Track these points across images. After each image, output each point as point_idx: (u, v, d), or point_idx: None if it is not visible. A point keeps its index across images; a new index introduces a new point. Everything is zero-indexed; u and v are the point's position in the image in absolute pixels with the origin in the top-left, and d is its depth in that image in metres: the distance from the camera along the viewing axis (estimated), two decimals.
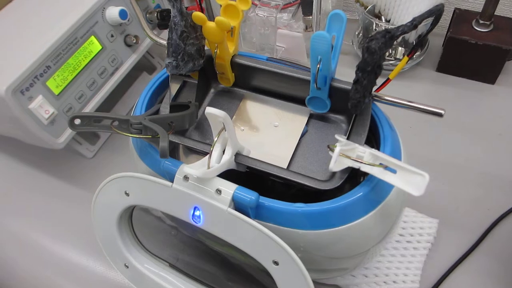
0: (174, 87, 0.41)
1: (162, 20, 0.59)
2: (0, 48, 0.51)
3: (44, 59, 0.48)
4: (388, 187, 0.35)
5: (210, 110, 0.32)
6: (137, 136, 0.36)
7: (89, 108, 0.54)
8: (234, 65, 0.42)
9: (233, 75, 0.42)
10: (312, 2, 0.56)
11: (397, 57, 0.61)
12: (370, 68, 0.32)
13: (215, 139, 0.33)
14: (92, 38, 0.53)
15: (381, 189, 0.35)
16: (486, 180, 0.54)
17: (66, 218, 0.54)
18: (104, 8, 0.54)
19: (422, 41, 0.36)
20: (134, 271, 0.41)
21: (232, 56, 0.41)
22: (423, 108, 0.38)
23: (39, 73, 0.48)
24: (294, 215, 0.33)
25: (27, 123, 0.48)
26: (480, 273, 0.47)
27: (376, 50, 0.31)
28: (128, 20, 0.56)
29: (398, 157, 0.37)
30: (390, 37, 0.32)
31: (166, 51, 0.39)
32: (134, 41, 0.57)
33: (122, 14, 0.54)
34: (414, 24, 0.32)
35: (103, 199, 0.38)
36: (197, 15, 0.37)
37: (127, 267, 0.41)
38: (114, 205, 0.38)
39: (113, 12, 0.54)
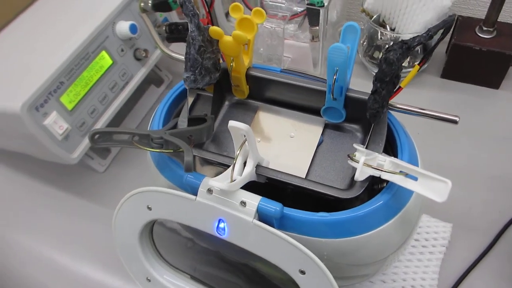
0: (190, 101, 0.42)
1: (171, 33, 0.60)
2: (13, 65, 0.52)
3: (58, 75, 0.49)
4: (408, 194, 0.36)
5: (233, 124, 0.32)
6: (158, 150, 0.36)
7: (101, 122, 0.54)
8: (249, 78, 0.42)
9: (247, 87, 0.43)
10: (318, 13, 0.57)
11: (403, 65, 0.62)
12: (388, 78, 0.33)
13: (237, 151, 0.34)
14: (103, 53, 0.54)
15: (401, 197, 0.35)
16: (496, 183, 0.54)
17: (80, 233, 0.54)
18: (114, 22, 0.55)
19: (432, 50, 0.36)
20: (157, 285, 0.41)
21: (247, 69, 0.42)
22: (437, 116, 0.39)
23: (53, 89, 0.49)
24: (318, 224, 0.34)
25: (42, 140, 0.48)
26: (495, 276, 0.47)
27: (394, 61, 0.32)
28: (138, 34, 0.57)
29: (416, 164, 0.37)
30: (407, 48, 0.33)
31: (174, 64, 0.39)
32: (144, 55, 0.58)
33: (132, 28, 0.55)
34: (429, 34, 0.33)
35: (125, 213, 0.39)
36: (214, 29, 0.37)
37: (149, 280, 0.41)
38: (136, 219, 0.38)
39: (123, 27, 0.55)
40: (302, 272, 0.33)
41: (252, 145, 0.34)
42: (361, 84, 0.40)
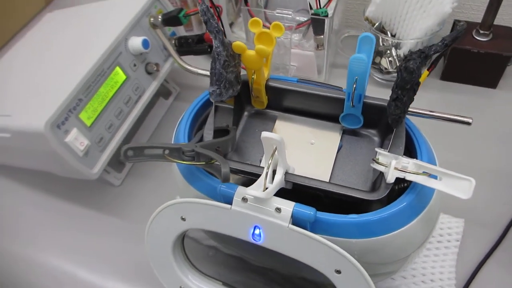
0: (212, 113, 0.43)
1: (180, 47, 0.61)
2: (32, 83, 0.53)
3: (77, 93, 0.50)
4: (429, 194, 0.38)
5: (266, 135, 0.34)
6: (191, 163, 0.38)
7: (118, 137, 0.55)
8: (268, 89, 0.44)
9: (266, 97, 0.45)
10: (323, 22, 0.59)
11: None
12: (409, 86, 0.35)
13: (270, 161, 0.35)
14: (117, 68, 0.55)
15: (424, 196, 0.37)
16: (499, 178, 0.57)
17: (101, 248, 0.55)
18: (126, 38, 0.56)
19: (440, 57, 0.38)
20: None
21: (266, 80, 0.44)
22: (451, 118, 0.41)
23: (72, 107, 0.50)
24: (348, 226, 0.36)
25: (65, 156, 0.49)
26: (508, 267, 0.49)
27: (414, 69, 0.34)
28: (149, 49, 0.58)
29: (434, 164, 0.39)
30: (424, 56, 0.35)
31: (181, 76, 0.40)
32: (155, 69, 0.59)
33: (145, 43, 0.56)
34: (445, 43, 0.35)
35: (158, 225, 0.40)
36: (238, 44, 0.39)
37: None
38: (169, 230, 0.39)
39: (135, 42, 0.56)
40: (338, 272, 0.34)
41: (282, 154, 0.36)
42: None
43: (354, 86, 0.39)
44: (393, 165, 0.33)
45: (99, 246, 0.55)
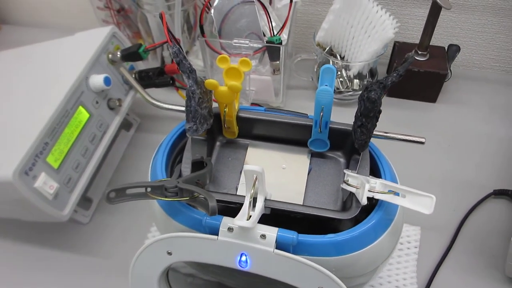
0: (189, 147, 0.45)
1: (141, 80, 0.62)
2: None
3: (43, 137, 0.49)
4: (395, 209, 0.42)
5: (248, 167, 0.36)
6: (175, 199, 0.39)
7: (86, 175, 0.55)
8: (239, 119, 0.46)
9: (237, 127, 0.47)
10: (279, 49, 0.63)
11: (354, 88, 0.69)
12: (372, 114, 0.39)
13: (252, 190, 0.38)
14: (80, 107, 0.55)
15: (390, 212, 0.41)
16: (446, 186, 0.63)
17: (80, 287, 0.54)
18: (87, 77, 0.56)
19: (397, 80, 0.42)
20: None
21: (237, 112, 0.46)
22: (406, 139, 0.46)
23: (39, 151, 0.49)
24: (327, 246, 0.39)
25: (35, 202, 0.48)
26: (460, 266, 0.55)
27: (376, 99, 0.38)
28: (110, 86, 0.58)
29: (396, 182, 0.43)
30: (383, 86, 0.39)
31: (140, 107, 0.42)
32: (118, 104, 0.60)
33: (107, 81, 0.56)
34: (399, 74, 0.39)
35: (143, 261, 0.41)
36: (210, 82, 0.41)
37: None
38: (155, 265, 0.40)
39: (97, 80, 0.56)
40: None
41: (262, 184, 0.38)
42: None
43: (322, 114, 0.42)
44: (367, 188, 0.37)
45: (75, 286, 0.55)
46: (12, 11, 0.95)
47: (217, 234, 0.38)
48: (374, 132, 0.44)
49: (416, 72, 0.67)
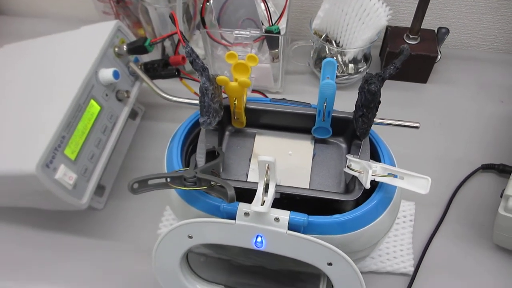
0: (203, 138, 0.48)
1: (147, 72, 0.65)
2: (14, 127, 0.54)
3: (60, 131, 0.52)
4: (393, 189, 0.46)
5: (262, 158, 0.39)
6: (194, 188, 0.42)
7: (101, 164, 0.58)
8: (247, 111, 0.50)
9: (245, 118, 0.51)
10: (277, 38, 0.66)
11: (349, 72, 0.73)
12: (373, 105, 0.42)
13: (265, 178, 0.41)
14: (92, 101, 0.58)
15: (389, 192, 0.45)
16: (438, 162, 0.67)
17: (99, 270, 0.58)
18: (96, 71, 0.59)
19: (394, 72, 0.45)
20: None
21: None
22: (401, 124, 0.49)
23: (57, 145, 0.52)
24: (333, 225, 0.43)
25: (57, 192, 0.51)
26: (452, 236, 0.59)
27: (376, 91, 0.41)
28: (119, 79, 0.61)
29: (394, 165, 0.47)
30: (382, 79, 0.42)
31: (144, 96, 0.44)
32: (126, 96, 0.62)
33: (115, 74, 0.59)
34: (396, 67, 0.42)
35: (166, 245, 0.44)
36: (221, 78, 0.44)
37: None
38: (177, 248, 0.44)
39: (106, 74, 0.59)
40: (330, 264, 0.41)
41: (274, 172, 0.42)
42: (314, 92, 0.48)
43: (325, 104, 0.45)
44: (370, 173, 0.41)
45: (94, 269, 0.58)
46: (9, 1, 0.95)
47: (234, 219, 0.41)
48: None
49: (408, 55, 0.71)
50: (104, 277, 0.57)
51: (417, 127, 0.48)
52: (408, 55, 0.43)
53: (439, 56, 0.74)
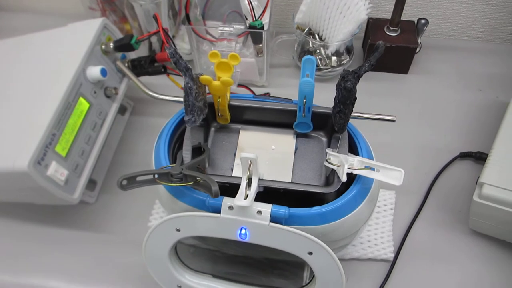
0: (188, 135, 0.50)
1: (134, 68, 0.66)
2: (5, 125, 0.55)
3: (51, 129, 0.54)
4: (371, 180, 0.48)
5: (244, 155, 0.42)
6: (180, 184, 0.44)
7: (91, 160, 0.60)
8: (231, 107, 0.52)
9: (229, 114, 0.52)
10: (261, 34, 0.67)
11: (332, 65, 0.75)
12: (349, 101, 0.44)
13: (247, 173, 0.43)
14: (81, 98, 0.59)
15: (367, 183, 0.47)
16: (418, 151, 0.70)
17: (92, 261, 0.60)
18: (84, 69, 0.60)
19: (369, 69, 0.46)
20: None
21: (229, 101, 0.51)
22: (378, 118, 0.51)
23: (48, 142, 0.54)
24: (313, 216, 0.45)
25: (49, 188, 0.53)
26: (431, 222, 0.62)
27: (352, 88, 0.43)
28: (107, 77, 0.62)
29: (372, 158, 0.50)
30: (357, 76, 0.44)
31: (133, 92, 0.47)
32: (114, 92, 0.64)
33: (103, 72, 0.60)
34: (371, 64, 0.44)
35: (155, 238, 0.47)
36: (205, 78, 0.46)
37: (180, 287, 0.50)
38: (166, 241, 0.46)
39: (93, 72, 0.60)
40: (310, 253, 0.44)
41: (256, 167, 0.44)
42: (297, 84, 0.49)
43: (305, 101, 0.47)
44: (346, 167, 0.43)
45: (88, 261, 0.60)
46: None
47: (219, 212, 0.44)
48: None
49: (388, 47, 0.73)
50: (97, 267, 0.60)
51: (393, 121, 0.50)
52: (382, 52, 0.45)
53: (419, 47, 0.76)
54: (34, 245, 0.62)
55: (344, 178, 0.43)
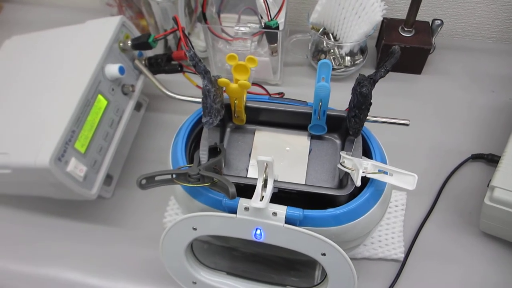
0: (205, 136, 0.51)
1: (151, 66, 0.67)
2: (27, 122, 0.57)
3: (71, 126, 0.55)
4: (384, 183, 0.49)
5: (261, 158, 0.42)
6: (197, 185, 0.46)
7: (109, 156, 0.61)
8: (247, 109, 0.52)
9: (245, 115, 0.53)
10: (275, 33, 0.68)
11: (346, 65, 0.75)
12: (364, 106, 0.45)
13: (263, 175, 0.44)
14: (99, 96, 0.60)
15: (380, 186, 0.48)
16: (430, 152, 0.70)
17: (107, 255, 0.62)
18: (102, 67, 0.61)
19: (385, 75, 0.46)
20: (201, 285, 0.51)
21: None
22: (391, 122, 0.52)
23: (68, 139, 0.55)
24: (327, 218, 0.46)
25: (68, 184, 0.55)
26: (442, 224, 0.63)
27: (367, 94, 0.44)
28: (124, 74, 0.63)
29: (385, 162, 0.50)
30: (373, 82, 0.45)
31: (148, 88, 0.47)
32: (131, 90, 0.65)
33: (121, 70, 0.61)
34: (387, 70, 0.45)
35: (172, 236, 0.48)
36: (223, 81, 0.47)
37: (195, 283, 0.51)
38: (183, 239, 0.48)
39: (112, 70, 0.61)
40: (324, 254, 0.45)
41: (272, 169, 0.45)
42: (312, 84, 0.49)
43: (320, 104, 0.48)
44: (361, 172, 0.44)
45: (103, 254, 0.62)
46: None
47: (235, 213, 0.45)
48: None
49: (402, 48, 0.73)
50: (111, 261, 0.61)
51: (407, 125, 0.51)
52: (398, 57, 0.45)
53: (433, 47, 0.76)
54: (50, 237, 0.64)
55: (358, 183, 0.44)
